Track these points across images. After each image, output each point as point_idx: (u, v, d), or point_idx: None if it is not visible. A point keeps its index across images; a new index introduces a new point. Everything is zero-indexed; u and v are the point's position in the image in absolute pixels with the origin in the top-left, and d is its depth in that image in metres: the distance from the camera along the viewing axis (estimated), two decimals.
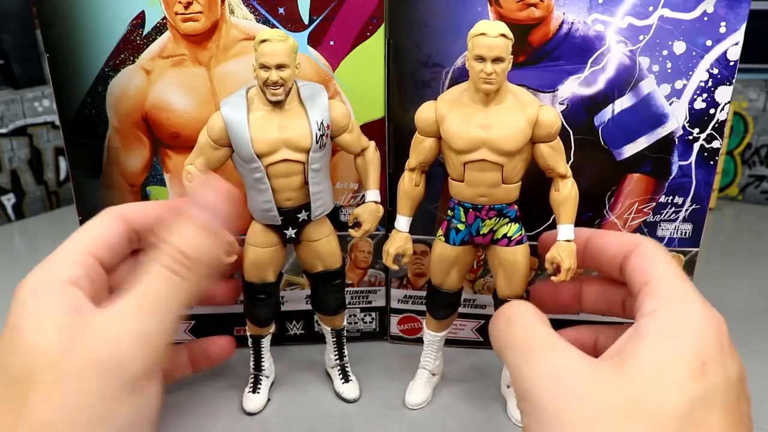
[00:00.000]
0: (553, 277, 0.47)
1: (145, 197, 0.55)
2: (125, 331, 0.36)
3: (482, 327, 0.61)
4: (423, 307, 0.55)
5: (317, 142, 0.45)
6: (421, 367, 0.54)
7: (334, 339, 0.54)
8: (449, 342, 0.55)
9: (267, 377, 0.54)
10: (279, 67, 0.42)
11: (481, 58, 0.42)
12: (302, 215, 0.47)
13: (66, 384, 0.34)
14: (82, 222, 0.55)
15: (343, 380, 0.54)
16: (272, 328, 0.53)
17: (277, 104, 0.44)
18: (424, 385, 0.54)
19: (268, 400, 0.54)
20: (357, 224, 0.50)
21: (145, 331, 0.36)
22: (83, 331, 0.36)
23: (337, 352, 0.55)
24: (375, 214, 0.50)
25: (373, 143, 0.50)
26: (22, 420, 0.33)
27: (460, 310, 0.54)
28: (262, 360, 0.53)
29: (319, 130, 0.45)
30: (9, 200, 0.91)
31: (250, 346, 0.53)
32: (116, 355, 0.35)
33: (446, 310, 0.52)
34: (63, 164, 0.95)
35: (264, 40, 0.42)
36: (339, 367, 0.55)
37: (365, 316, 0.62)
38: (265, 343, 0.53)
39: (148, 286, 0.37)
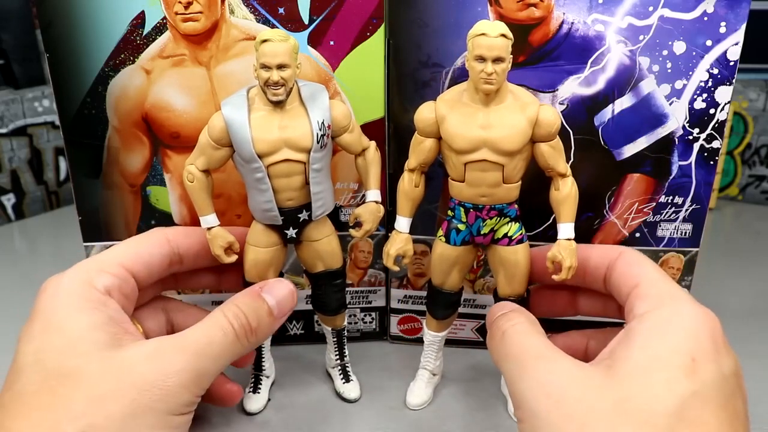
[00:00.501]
0: (554, 276, 0.47)
1: (145, 197, 0.55)
2: (180, 364, 0.38)
3: (482, 327, 0.61)
4: (423, 307, 0.55)
5: (318, 142, 0.45)
6: (422, 367, 0.54)
7: (335, 339, 0.54)
8: (449, 342, 0.55)
9: (267, 377, 0.54)
10: (280, 67, 0.42)
11: (481, 59, 0.42)
12: (303, 215, 0.47)
13: (111, 396, 0.35)
14: (82, 222, 0.55)
15: (343, 380, 0.54)
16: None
17: (278, 104, 0.44)
18: (425, 385, 0.54)
19: (269, 400, 0.54)
20: (358, 224, 0.50)
21: (197, 372, 0.38)
22: (130, 348, 0.38)
23: (337, 352, 0.55)
24: (376, 214, 0.50)
25: (373, 143, 0.50)
26: (68, 418, 0.34)
27: (460, 310, 0.54)
28: (263, 360, 0.53)
29: (320, 130, 0.45)
30: (9, 200, 0.91)
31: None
32: (165, 386, 0.37)
33: (447, 310, 0.52)
34: (63, 164, 0.95)
35: (265, 40, 0.42)
36: (340, 367, 0.55)
37: (365, 316, 0.62)
38: (266, 343, 0.53)
39: (207, 334, 0.40)
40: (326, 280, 0.51)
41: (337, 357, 0.55)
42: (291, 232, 0.48)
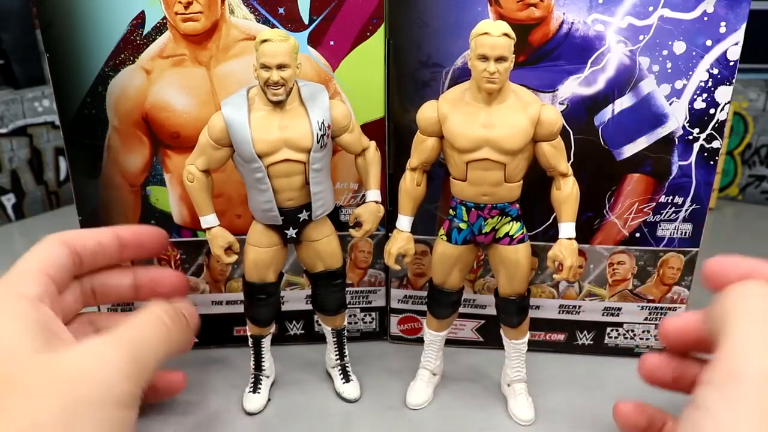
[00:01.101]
0: (555, 275, 0.47)
1: (145, 197, 0.55)
2: (117, 355, 0.37)
3: (482, 327, 0.61)
4: (423, 307, 0.55)
5: (318, 142, 0.45)
6: (422, 367, 0.54)
7: (335, 339, 0.54)
8: (449, 342, 0.55)
9: (267, 377, 0.54)
10: (280, 67, 0.42)
11: (484, 58, 0.42)
12: (303, 215, 0.47)
13: (50, 394, 0.34)
14: (82, 222, 0.55)
15: (343, 380, 0.54)
16: (273, 328, 0.53)
17: (278, 104, 0.44)
18: (425, 385, 0.54)
19: (269, 400, 0.54)
20: (357, 224, 0.50)
21: (137, 362, 0.38)
22: (65, 350, 0.37)
23: (337, 352, 0.55)
24: (376, 214, 0.50)
25: (373, 143, 0.50)
26: (7, 419, 0.33)
27: (461, 310, 0.54)
28: (263, 360, 0.53)
29: (320, 130, 0.45)
30: (9, 200, 0.91)
31: (251, 346, 0.53)
32: (103, 378, 0.36)
33: (447, 310, 0.52)
34: (63, 164, 0.95)
35: (265, 40, 0.42)
36: (339, 367, 0.55)
37: (365, 316, 0.62)
38: (266, 343, 0.53)
39: (140, 321, 0.41)
40: (326, 280, 0.51)
41: (337, 357, 0.55)
42: (291, 232, 0.48)
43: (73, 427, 0.34)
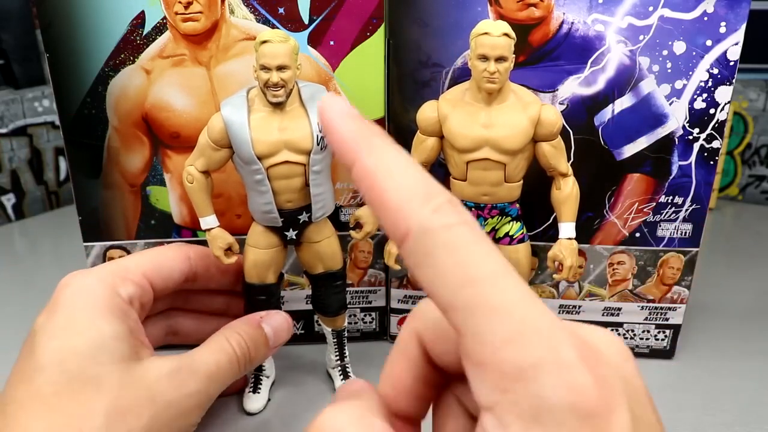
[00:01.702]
0: (555, 275, 0.48)
1: (145, 197, 0.55)
2: (195, 385, 0.39)
3: None
4: None
5: (318, 144, 0.44)
6: None
7: (335, 339, 0.54)
8: None
9: (267, 377, 0.54)
10: (280, 68, 0.42)
11: (484, 58, 0.42)
12: (303, 217, 0.47)
13: (131, 407, 0.36)
14: (82, 222, 0.55)
15: (344, 380, 0.54)
16: None
17: (278, 105, 0.44)
18: None
19: (269, 400, 0.54)
20: (358, 225, 0.50)
21: (208, 395, 0.40)
22: (149, 364, 0.38)
23: (338, 353, 0.55)
24: (376, 216, 0.50)
25: None
26: (90, 427, 0.34)
27: None
28: None
29: (321, 131, 0.45)
30: (9, 200, 0.91)
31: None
32: (182, 407, 0.38)
33: None
34: (63, 164, 0.95)
35: (265, 41, 0.42)
36: (340, 368, 0.55)
37: (365, 316, 0.62)
38: None
39: (215, 358, 0.42)
40: (326, 281, 0.51)
41: (338, 357, 0.55)
42: (291, 234, 0.48)
43: None
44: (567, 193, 0.47)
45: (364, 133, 0.21)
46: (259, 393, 0.53)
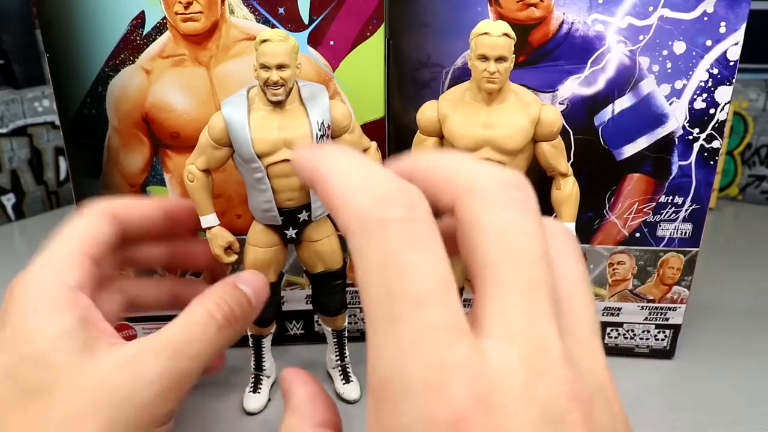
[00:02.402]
0: None
1: (145, 197, 0.55)
2: (155, 370, 0.34)
3: None
4: None
5: (318, 143, 0.44)
6: None
7: (335, 339, 0.54)
8: None
9: (268, 377, 0.54)
10: (279, 67, 0.42)
11: (484, 58, 0.42)
12: (303, 215, 0.47)
13: (86, 411, 0.33)
14: None
15: (344, 381, 0.54)
16: (273, 328, 0.53)
17: (278, 104, 0.44)
18: None
19: (269, 400, 0.54)
20: None
21: (176, 378, 0.35)
22: (104, 355, 0.35)
23: (338, 353, 0.55)
24: None
25: (374, 144, 0.50)
26: None
27: None
28: (263, 360, 0.53)
29: (320, 130, 0.45)
30: (9, 200, 0.91)
31: (251, 345, 0.53)
32: (142, 398, 0.34)
33: None
34: (63, 164, 0.95)
35: (265, 40, 0.42)
36: (340, 368, 0.55)
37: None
38: (266, 342, 0.53)
39: (184, 329, 0.36)
40: (326, 280, 0.51)
41: (338, 357, 0.55)
42: (291, 233, 0.48)
43: None
44: (567, 193, 0.47)
45: (318, 152, 0.21)
46: (259, 393, 0.53)
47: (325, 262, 0.50)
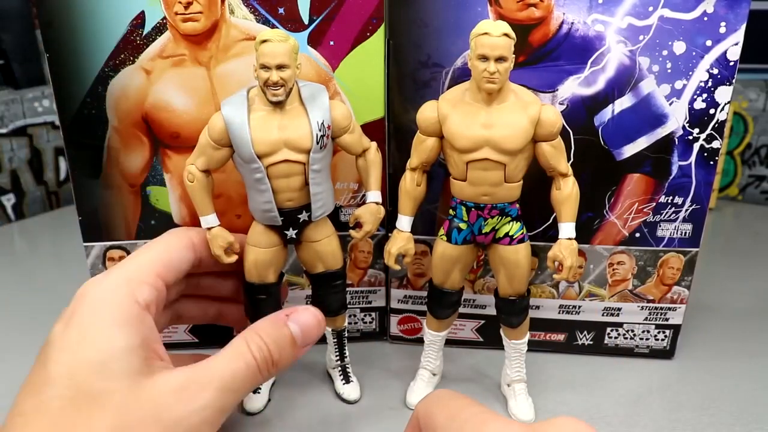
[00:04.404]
0: (555, 276, 0.48)
1: (145, 197, 0.55)
2: (204, 400, 0.37)
3: (482, 327, 0.61)
4: (423, 307, 0.55)
5: (318, 143, 0.45)
6: (422, 367, 0.54)
7: (335, 340, 0.54)
8: (449, 342, 0.55)
9: None
10: (279, 67, 0.42)
11: (484, 58, 0.42)
12: (303, 216, 0.47)
13: (140, 424, 0.35)
14: (82, 222, 0.55)
15: (344, 381, 0.54)
16: None
17: (278, 104, 0.44)
18: (425, 385, 0.54)
19: (269, 400, 0.54)
20: (358, 225, 0.50)
21: (221, 409, 0.38)
22: (160, 378, 0.37)
23: (338, 353, 0.55)
24: (376, 215, 0.50)
25: (374, 144, 0.50)
26: None
27: (460, 310, 0.54)
28: None
29: (320, 130, 0.45)
30: (9, 200, 0.91)
31: None
32: (191, 424, 0.36)
33: (448, 310, 0.52)
34: (63, 164, 0.95)
35: (265, 41, 0.42)
36: (340, 368, 0.55)
37: (365, 316, 0.62)
38: None
39: (231, 366, 0.39)
40: (326, 281, 0.51)
41: (338, 357, 0.55)
42: (291, 233, 0.48)
43: None
44: (567, 193, 0.47)
45: None
46: (259, 393, 0.53)
47: (325, 263, 0.50)
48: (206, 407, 0.37)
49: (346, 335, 0.55)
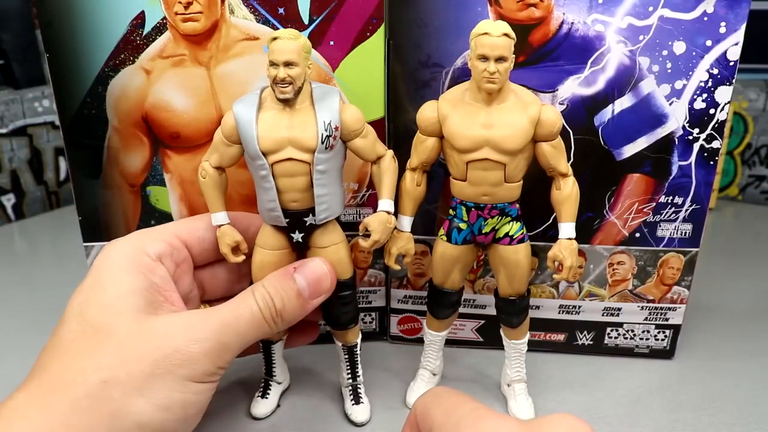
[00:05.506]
0: (555, 276, 0.48)
1: (145, 197, 0.55)
2: (205, 333, 0.40)
3: (482, 327, 0.61)
4: (423, 307, 0.55)
5: (323, 143, 0.44)
6: (422, 367, 0.54)
7: (347, 356, 0.52)
8: (449, 342, 0.55)
9: (279, 383, 0.53)
10: (287, 64, 0.42)
11: (484, 58, 0.42)
12: (309, 219, 0.46)
13: (135, 354, 0.38)
14: (82, 222, 0.55)
15: (353, 401, 0.52)
16: (283, 335, 0.53)
17: (287, 103, 0.44)
18: (425, 385, 0.54)
19: (278, 406, 0.53)
20: (367, 234, 0.49)
21: (221, 343, 0.41)
22: (163, 316, 0.41)
23: (349, 371, 0.52)
24: (386, 225, 0.47)
25: (390, 152, 0.48)
26: (93, 368, 0.37)
27: (460, 310, 0.54)
28: (273, 365, 0.53)
29: (326, 130, 0.44)
30: (9, 200, 0.91)
31: (261, 351, 0.53)
32: (185, 351, 0.39)
33: (448, 310, 0.52)
34: (63, 164, 0.95)
35: (275, 38, 0.42)
36: (351, 388, 0.52)
37: (365, 316, 0.62)
38: (276, 349, 0.53)
39: (235, 310, 0.42)
40: (334, 290, 0.48)
41: (349, 376, 0.52)
42: (297, 236, 0.47)
43: (147, 388, 0.38)
44: (567, 193, 0.47)
45: None
46: (267, 398, 0.53)
47: None
48: (207, 339, 0.40)
49: (359, 351, 0.52)
